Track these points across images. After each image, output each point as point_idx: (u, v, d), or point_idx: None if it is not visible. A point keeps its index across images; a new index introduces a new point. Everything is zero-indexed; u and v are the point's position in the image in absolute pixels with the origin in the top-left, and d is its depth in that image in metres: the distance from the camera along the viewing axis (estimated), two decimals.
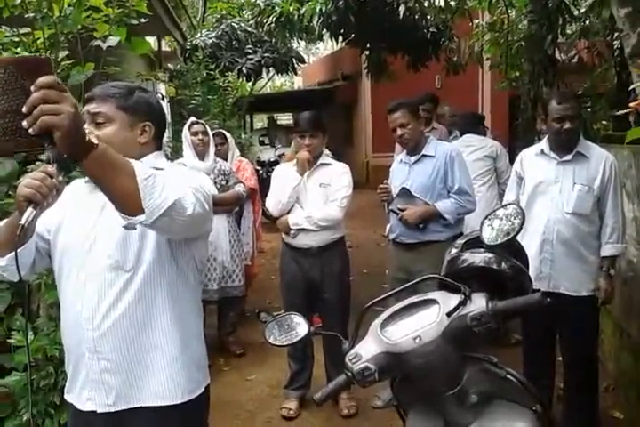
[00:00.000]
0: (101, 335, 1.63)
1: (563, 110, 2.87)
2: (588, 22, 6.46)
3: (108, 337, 1.63)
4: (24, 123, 1.19)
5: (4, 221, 1.63)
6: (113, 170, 1.31)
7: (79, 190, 1.76)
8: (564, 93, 3.01)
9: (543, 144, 3.05)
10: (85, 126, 1.64)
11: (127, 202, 1.35)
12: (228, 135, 5.04)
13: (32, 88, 1.18)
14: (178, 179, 1.51)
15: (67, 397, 1.77)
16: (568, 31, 6.82)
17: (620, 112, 1.62)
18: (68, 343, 1.73)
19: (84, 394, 1.69)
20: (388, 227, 3.71)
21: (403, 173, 3.49)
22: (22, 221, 1.35)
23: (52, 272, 1.84)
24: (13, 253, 1.43)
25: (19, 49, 2.65)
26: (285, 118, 21.03)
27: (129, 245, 1.62)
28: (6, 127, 1.30)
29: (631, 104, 1.50)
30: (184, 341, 1.72)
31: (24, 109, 1.18)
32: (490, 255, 1.72)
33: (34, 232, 1.62)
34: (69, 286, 1.69)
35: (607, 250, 2.89)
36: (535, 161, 3.06)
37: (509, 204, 1.95)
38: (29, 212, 1.37)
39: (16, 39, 2.76)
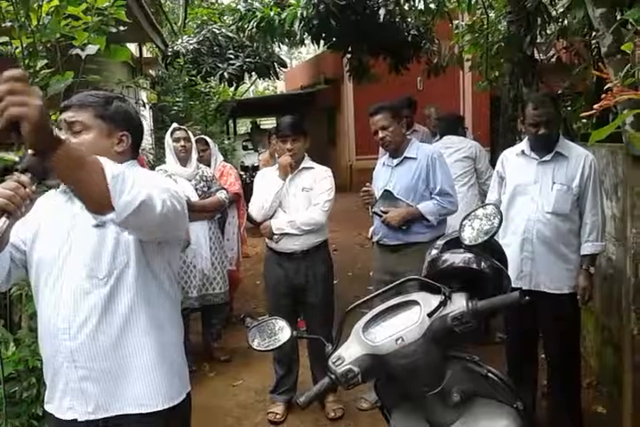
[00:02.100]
0: (78, 345, 1.62)
1: (537, 116, 2.90)
2: (565, 22, 6.53)
3: (84, 346, 1.62)
4: None
5: None
6: (81, 166, 1.30)
7: (54, 201, 1.75)
8: (540, 98, 3.01)
9: (523, 145, 3.08)
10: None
11: (97, 200, 1.34)
12: (210, 141, 5.04)
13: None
14: (147, 179, 1.51)
15: (47, 407, 1.75)
16: (548, 31, 6.89)
17: (585, 114, 1.64)
18: (46, 354, 1.72)
19: (64, 403, 1.68)
20: (371, 229, 3.73)
21: (385, 175, 3.51)
22: None
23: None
24: None
25: None
26: (269, 123, 21.03)
27: (103, 254, 1.62)
28: None
29: (595, 106, 1.52)
30: (162, 349, 1.71)
31: None
32: (469, 255, 1.74)
33: (8, 242, 1.61)
34: (45, 296, 1.68)
35: (587, 248, 2.92)
36: (516, 161, 3.09)
37: (488, 204, 1.97)
38: (2, 222, 1.35)
39: None
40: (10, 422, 2.32)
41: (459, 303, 1.59)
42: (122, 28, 3.04)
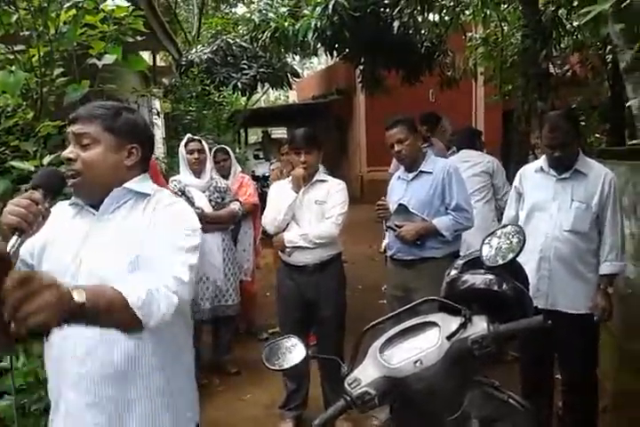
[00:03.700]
0: (86, 370, 1.55)
1: (552, 139, 2.86)
2: (580, 36, 6.50)
3: (92, 372, 1.54)
4: (12, 326, 1.12)
5: None
6: (109, 312, 1.32)
7: (63, 213, 1.68)
8: (557, 119, 2.92)
9: (542, 161, 3.04)
10: (70, 148, 1.59)
11: (130, 328, 1.41)
12: (230, 151, 5.02)
13: (6, 285, 1.10)
14: (163, 259, 1.54)
15: None
16: (562, 45, 6.88)
17: (635, 141, 1.61)
18: (51, 374, 1.65)
19: None
20: (384, 242, 3.68)
21: (400, 189, 3.47)
22: (7, 250, 1.30)
23: None
24: None
25: (13, 67, 2.62)
26: (280, 132, 21.08)
27: (114, 280, 1.51)
28: None
29: None
30: (171, 379, 1.64)
31: (6, 317, 1.10)
32: (490, 277, 1.70)
33: (17, 258, 1.55)
34: None
35: (605, 268, 2.86)
36: (534, 178, 3.05)
37: (509, 224, 1.93)
38: (14, 240, 1.32)
39: (11, 57, 2.74)
40: None
41: (479, 326, 1.54)
42: (138, 37, 3.03)
